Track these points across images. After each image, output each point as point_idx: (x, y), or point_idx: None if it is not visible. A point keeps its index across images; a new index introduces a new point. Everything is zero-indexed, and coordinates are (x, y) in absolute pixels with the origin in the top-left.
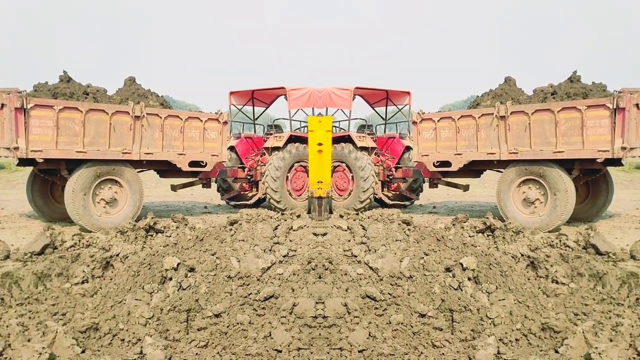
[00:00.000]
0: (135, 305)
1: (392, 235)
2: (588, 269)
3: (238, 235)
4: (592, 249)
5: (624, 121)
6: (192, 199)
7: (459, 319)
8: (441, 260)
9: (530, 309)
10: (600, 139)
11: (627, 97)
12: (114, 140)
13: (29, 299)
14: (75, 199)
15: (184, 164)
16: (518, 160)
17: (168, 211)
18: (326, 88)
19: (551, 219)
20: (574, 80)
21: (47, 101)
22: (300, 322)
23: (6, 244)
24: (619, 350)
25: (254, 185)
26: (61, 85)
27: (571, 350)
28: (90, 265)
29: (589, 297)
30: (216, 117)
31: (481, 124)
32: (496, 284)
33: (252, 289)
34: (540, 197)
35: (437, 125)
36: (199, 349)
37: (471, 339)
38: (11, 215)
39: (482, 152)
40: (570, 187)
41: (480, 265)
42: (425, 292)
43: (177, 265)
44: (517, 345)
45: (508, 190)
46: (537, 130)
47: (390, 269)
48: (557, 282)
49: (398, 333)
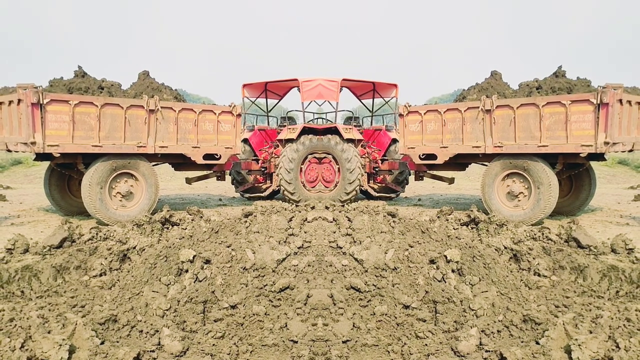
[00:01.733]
0: (153, 297)
1: (377, 227)
2: (570, 262)
3: (253, 227)
4: (574, 242)
5: (607, 116)
6: (207, 192)
7: (443, 311)
8: (425, 252)
9: (513, 301)
10: (583, 133)
11: (610, 92)
12: (129, 134)
13: (48, 292)
14: (92, 192)
15: (199, 156)
16: (503, 153)
17: (183, 204)
18: (316, 79)
19: (534, 212)
20: (559, 75)
21: (63, 96)
22: (315, 312)
23: (25, 237)
24: (598, 342)
25: (267, 177)
26: (76, 80)
27: (552, 342)
28: (108, 258)
29: (570, 289)
30: (230, 109)
31: (467, 117)
32: (479, 276)
33: (268, 280)
34: (524, 191)
35: (423, 118)
36: (215, 340)
37: (454, 330)
38: (29, 209)
39: (468, 146)
40: (554, 181)
41: (464, 258)
42: (409, 283)
43: (193, 258)
44: (499, 337)
45: (492, 183)
46: (521, 125)
47: (375, 261)
48: (539, 274)
49: (382, 324)
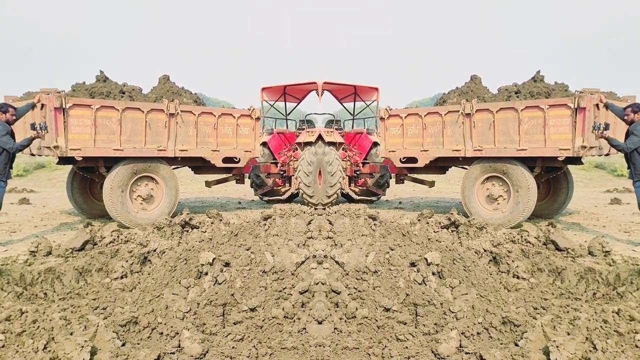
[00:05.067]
0: (173, 299)
1: (359, 230)
2: (548, 264)
3: (272, 230)
4: (552, 245)
5: (584, 120)
6: (226, 195)
7: (423, 313)
8: (406, 255)
9: (492, 303)
10: (561, 137)
11: (587, 97)
12: (149, 137)
13: (70, 294)
14: (113, 195)
15: (218, 160)
16: (482, 157)
17: (203, 207)
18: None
19: (513, 215)
20: (537, 80)
21: (85, 100)
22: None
23: (48, 240)
24: (576, 343)
25: (286, 180)
26: (98, 85)
27: (530, 344)
28: (129, 260)
29: (548, 291)
30: (249, 113)
31: (447, 121)
32: (459, 279)
33: (287, 283)
34: (504, 194)
35: (404, 122)
36: (235, 343)
37: (434, 332)
38: (52, 212)
39: (448, 149)
40: (532, 184)
41: (444, 260)
42: (390, 286)
43: (213, 260)
44: (479, 339)
45: (472, 186)
46: (501, 128)
47: (356, 264)
48: (518, 277)
49: (363, 327)
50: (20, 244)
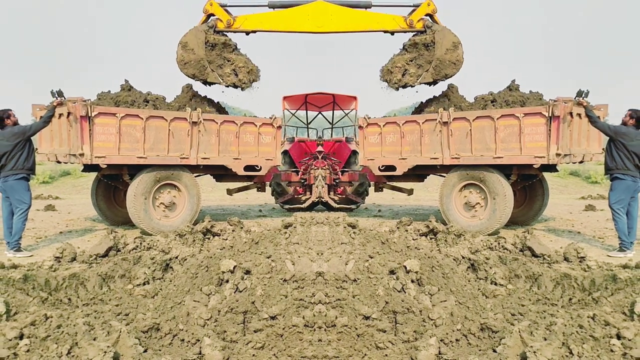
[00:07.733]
0: (194, 306)
1: (338, 238)
2: (525, 270)
3: (293, 239)
4: (529, 251)
5: (558, 129)
6: (247, 203)
7: (402, 321)
8: (385, 262)
9: (470, 310)
10: (536, 145)
11: (561, 105)
12: (172, 145)
13: (94, 300)
14: (136, 203)
15: (239, 168)
16: (460, 165)
17: (224, 215)
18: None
19: (491, 222)
20: (513, 88)
21: (110, 109)
22: None
23: (73, 246)
24: (552, 348)
25: (307, 188)
26: (123, 94)
27: (508, 350)
28: (151, 267)
29: (525, 297)
30: (270, 121)
31: (425, 129)
32: (438, 286)
33: (307, 292)
34: (481, 201)
35: (382, 130)
36: (255, 350)
37: (414, 339)
38: (77, 219)
39: (426, 157)
40: (509, 191)
41: (423, 268)
42: (369, 294)
43: (234, 268)
44: (458, 346)
45: (450, 194)
46: (477, 136)
47: (336, 272)
48: (495, 283)
49: (342, 335)
50: (46, 249)
